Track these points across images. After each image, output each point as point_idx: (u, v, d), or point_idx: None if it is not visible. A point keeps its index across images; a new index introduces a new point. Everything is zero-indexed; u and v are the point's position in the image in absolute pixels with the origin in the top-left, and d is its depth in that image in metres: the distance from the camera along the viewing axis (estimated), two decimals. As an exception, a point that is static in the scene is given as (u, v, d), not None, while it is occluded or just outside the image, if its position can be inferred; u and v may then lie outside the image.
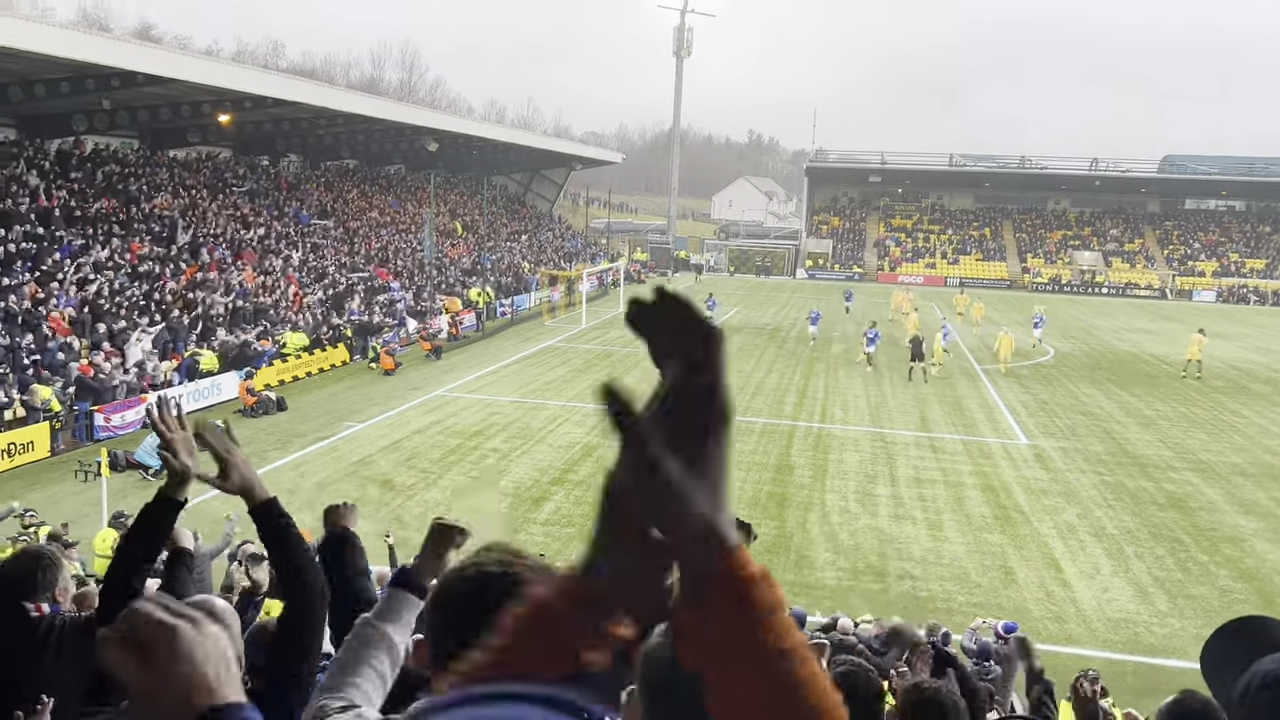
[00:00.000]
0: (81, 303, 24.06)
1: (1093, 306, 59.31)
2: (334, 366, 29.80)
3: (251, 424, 22.69)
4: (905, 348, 31.54)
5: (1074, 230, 77.38)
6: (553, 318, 43.47)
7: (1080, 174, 76.18)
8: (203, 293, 27.96)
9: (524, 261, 52.28)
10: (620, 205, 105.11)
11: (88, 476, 17.75)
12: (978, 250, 75.43)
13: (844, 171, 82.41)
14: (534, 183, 70.75)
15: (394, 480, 18.56)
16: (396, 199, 50.13)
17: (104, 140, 33.54)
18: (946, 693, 3.35)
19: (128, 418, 21.46)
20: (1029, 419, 25.66)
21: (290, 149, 44.67)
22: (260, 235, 34.90)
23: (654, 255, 74.82)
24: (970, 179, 79.54)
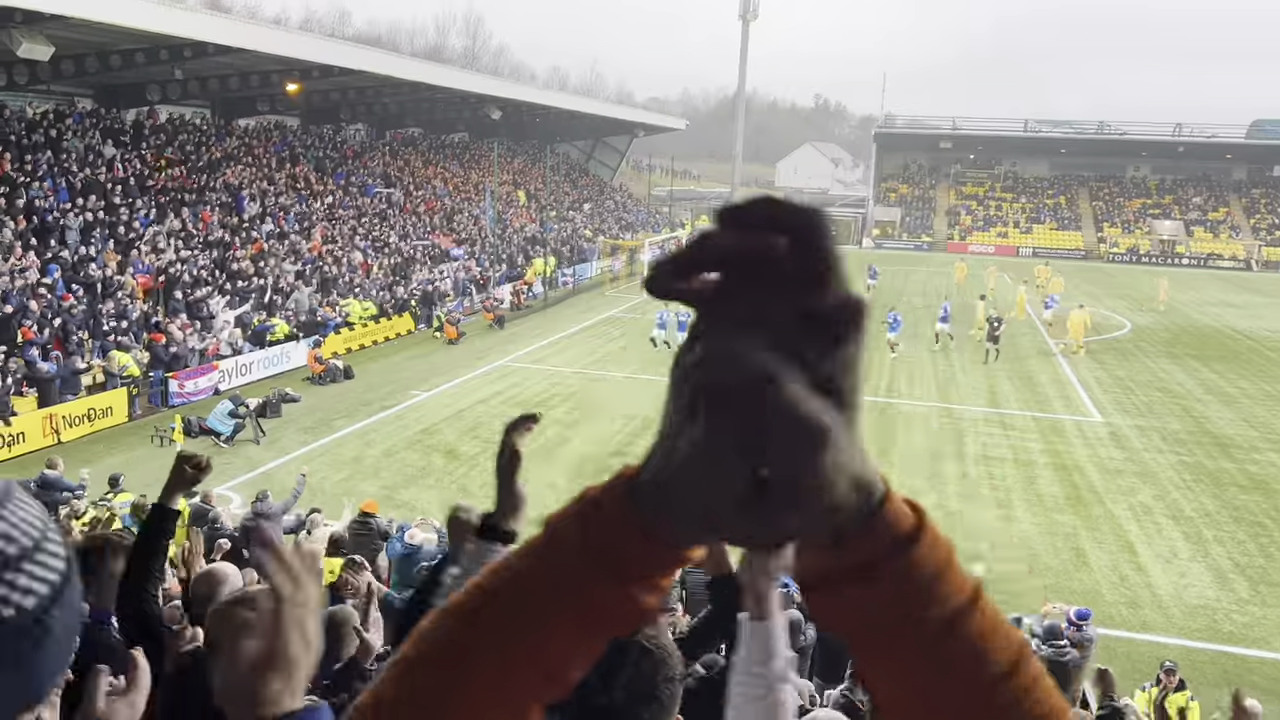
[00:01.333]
0: (157, 271, 24.63)
1: (1172, 278, 57.24)
2: (399, 335, 30.16)
3: (319, 392, 23.09)
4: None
5: (1154, 199, 74.67)
6: (614, 288, 43.39)
7: (1162, 139, 73.31)
8: (272, 260, 28.45)
9: (586, 230, 52.21)
10: (683, 173, 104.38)
11: (163, 442, 18.23)
12: (1052, 219, 73.30)
13: (913, 137, 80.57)
14: (597, 150, 70.50)
15: (458, 449, 18.73)
16: (460, 167, 50.36)
17: (176, 110, 34.18)
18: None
19: (200, 384, 21.99)
20: (1103, 395, 24.91)
21: (356, 118, 45.07)
22: (327, 205, 35.34)
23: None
24: (1045, 145, 77.13)
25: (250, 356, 23.99)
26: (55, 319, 20.51)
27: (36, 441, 17.96)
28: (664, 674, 1.44)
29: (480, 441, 19.26)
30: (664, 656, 1.45)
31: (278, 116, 39.74)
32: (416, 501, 15.70)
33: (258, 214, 31.06)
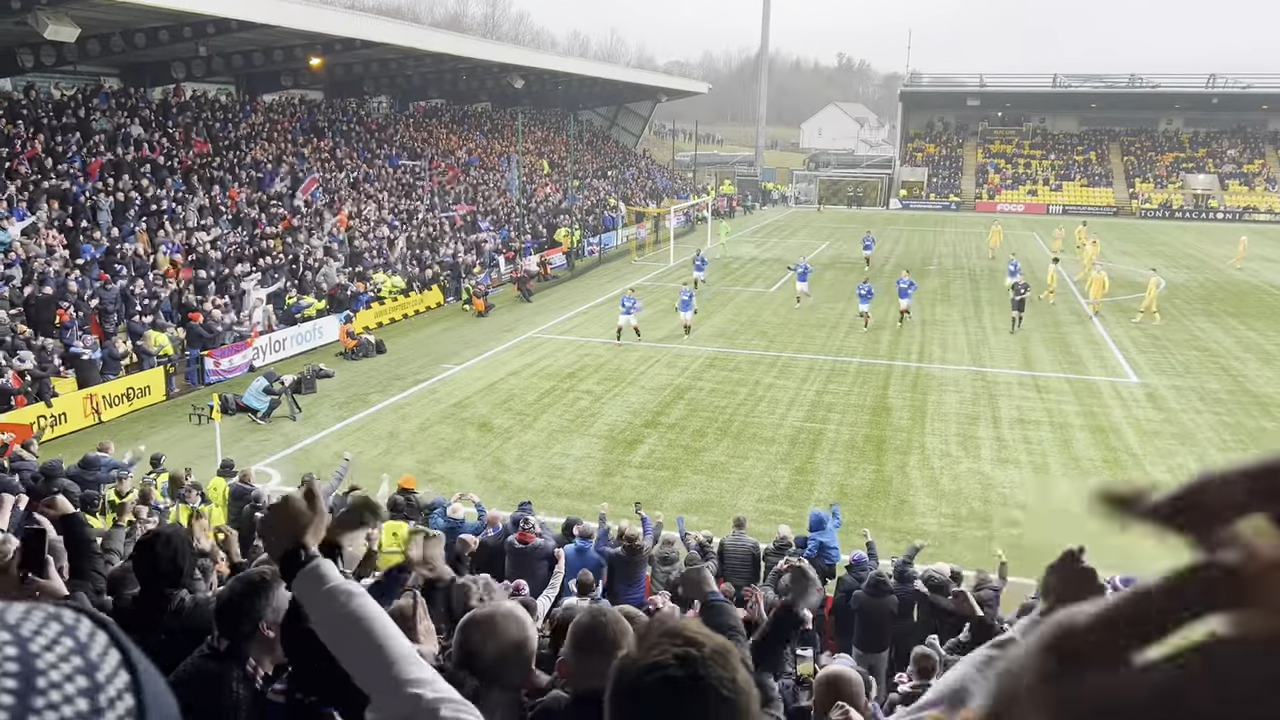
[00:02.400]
0: (187, 250, 24.81)
1: (1207, 233, 56.31)
2: (429, 309, 30.27)
3: (352, 367, 23.26)
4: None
5: (1187, 152, 73.18)
6: (640, 256, 43.25)
7: (1196, 91, 71.72)
8: (301, 237, 28.58)
9: (610, 198, 51.98)
10: (706, 137, 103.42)
11: (201, 419, 18.44)
12: (1082, 176, 72.10)
13: (940, 95, 79.34)
14: (619, 117, 70.00)
15: (492, 423, 18.83)
16: (484, 137, 50.20)
17: (201, 87, 34.26)
18: None
19: (235, 361, 22.20)
20: (1139, 356, 24.60)
21: (379, 90, 45.00)
22: (353, 178, 35.39)
23: (741, 188, 73.58)
24: (1076, 100, 75.71)
25: (283, 333, 24.18)
26: (92, 300, 20.74)
27: (78, 422, 18.24)
28: (741, 717, 1.37)
29: (513, 414, 19.35)
30: (740, 699, 1.36)
31: (302, 91, 39.74)
32: (453, 475, 15.83)
33: (285, 190, 31.16)
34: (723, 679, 1.35)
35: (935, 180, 74.29)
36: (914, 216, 65.95)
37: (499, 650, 2.61)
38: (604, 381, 21.80)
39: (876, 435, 18.16)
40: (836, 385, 21.50)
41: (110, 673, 0.65)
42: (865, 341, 25.92)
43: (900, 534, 13.61)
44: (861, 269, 38.17)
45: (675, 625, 1.45)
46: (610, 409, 19.72)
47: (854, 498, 15.10)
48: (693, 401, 20.21)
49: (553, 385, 21.49)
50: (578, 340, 26.04)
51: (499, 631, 2.64)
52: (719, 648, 1.39)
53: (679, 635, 1.40)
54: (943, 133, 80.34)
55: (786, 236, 53.02)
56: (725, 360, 23.75)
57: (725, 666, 1.36)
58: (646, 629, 1.48)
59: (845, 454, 17.14)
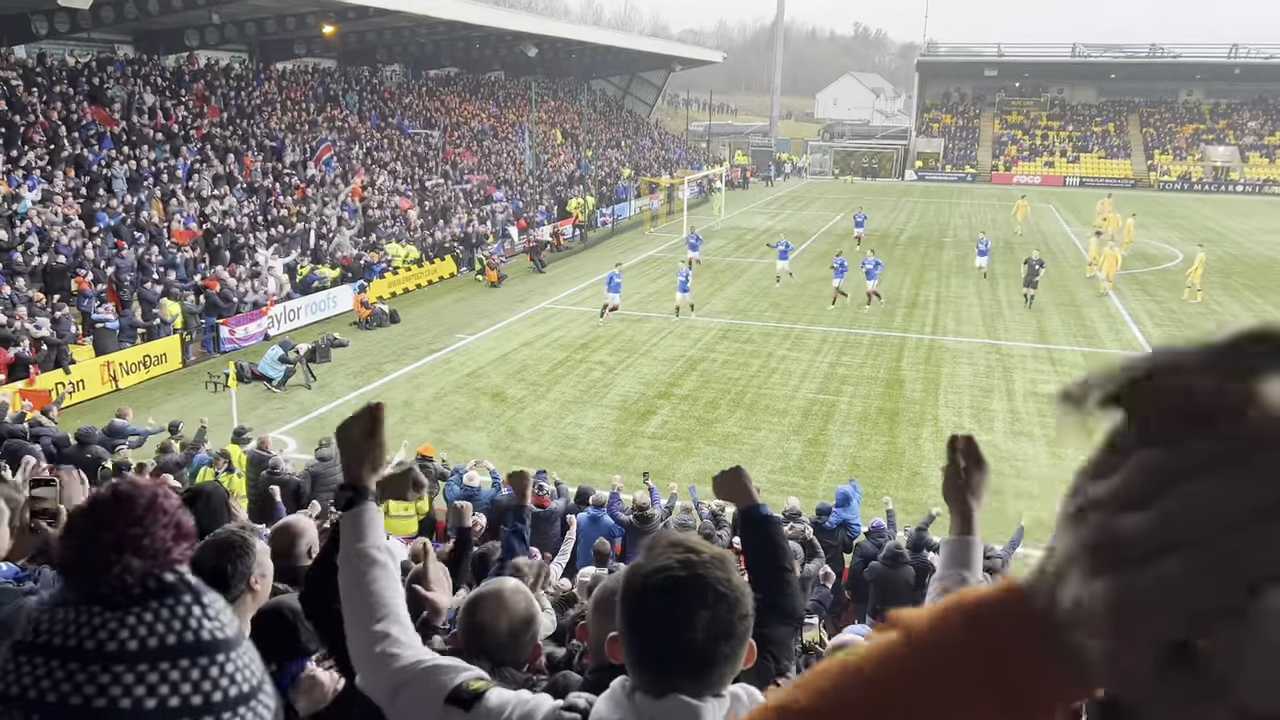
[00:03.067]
0: (201, 219, 24.87)
1: (1226, 206, 55.73)
2: (442, 279, 30.30)
3: (366, 336, 23.35)
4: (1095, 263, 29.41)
5: (1207, 123, 72.22)
6: (654, 227, 43.12)
7: (1218, 61, 70.66)
8: (315, 207, 28.60)
9: (624, 168, 51.75)
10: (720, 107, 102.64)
11: (217, 387, 18.57)
12: (1100, 147, 71.31)
13: (957, 65, 78.41)
14: (632, 86, 69.50)
15: (505, 392, 18.90)
16: (497, 106, 49.97)
17: (214, 55, 34.18)
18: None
19: (250, 330, 22.32)
20: (1155, 330, 24.47)
21: (392, 59, 44.80)
22: (367, 148, 35.32)
23: (755, 158, 73.12)
24: (1095, 70, 74.71)
25: (298, 302, 24.27)
26: (109, 268, 20.85)
27: (96, 389, 18.40)
28: (739, 613, 1.55)
29: (526, 384, 19.42)
30: (738, 597, 1.56)
31: (315, 59, 39.61)
32: (467, 444, 15.93)
33: (299, 159, 31.14)
34: (719, 579, 1.55)
35: (951, 151, 73.63)
36: (929, 188, 65.45)
37: (511, 626, 2.62)
38: (617, 353, 21.84)
39: (890, 407, 18.17)
40: (850, 358, 21.48)
41: None
42: (879, 314, 25.84)
43: (913, 505, 13.64)
44: (851, 246, 36.56)
45: (678, 537, 1.66)
46: (623, 380, 19.77)
47: (867, 469, 15.13)
48: (705, 373, 20.23)
49: (566, 356, 21.54)
50: (591, 311, 26.03)
51: (509, 606, 2.65)
52: (717, 554, 1.60)
53: (681, 544, 1.61)
54: (959, 103, 79.52)
55: (801, 208, 52.74)
56: (738, 332, 23.74)
57: (722, 569, 1.57)
58: (653, 541, 1.67)
59: (858, 426, 17.16)
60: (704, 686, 1.57)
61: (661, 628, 1.54)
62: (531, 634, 2.67)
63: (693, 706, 1.53)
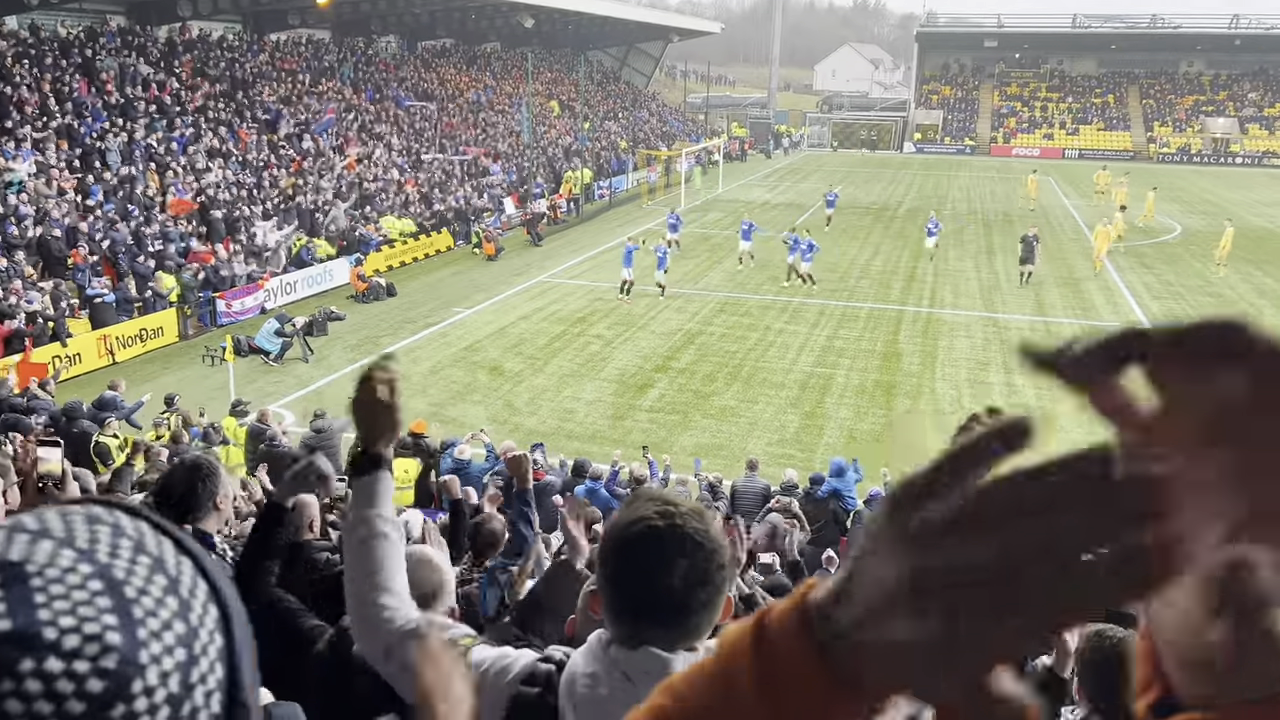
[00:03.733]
0: (197, 191, 24.73)
1: (1224, 178, 55.54)
2: (438, 252, 30.19)
3: (363, 310, 23.30)
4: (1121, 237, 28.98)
5: (1207, 95, 71.83)
6: (651, 200, 42.92)
7: (1219, 32, 70.20)
8: (310, 179, 28.44)
9: (621, 141, 51.45)
10: (718, 78, 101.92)
11: (214, 361, 18.56)
12: (1099, 119, 70.95)
13: (956, 36, 77.88)
14: (630, 57, 68.97)
15: (503, 366, 18.90)
16: (493, 78, 49.58)
17: (208, 25, 33.84)
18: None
19: (246, 303, 22.26)
20: (1153, 303, 24.46)
21: (387, 29, 44.36)
22: (363, 120, 35.07)
23: (753, 130, 72.69)
24: (1095, 41, 74.23)
25: (294, 275, 24.19)
26: (104, 241, 20.75)
27: (92, 362, 18.36)
28: (716, 562, 1.58)
29: (524, 358, 19.41)
30: (715, 547, 1.58)
31: (309, 30, 39.24)
32: (465, 418, 15.94)
33: (294, 131, 30.93)
34: (697, 529, 1.57)
35: (950, 123, 73.23)
36: (928, 160, 65.16)
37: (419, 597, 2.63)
38: (614, 326, 21.81)
39: (887, 380, 18.19)
40: (847, 330, 21.47)
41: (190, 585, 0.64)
42: (876, 286, 25.81)
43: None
44: (821, 226, 33.95)
45: (657, 492, 1.71)
46: (621, 353, 19.76)
47: (863, 442, 15.17)
48: (703, 346, 20.23)
49: (563, 329, 21.51)
50: (588, 285, 26.00)
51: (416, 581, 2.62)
52: (695, 507, 1.63)
53: (660, 498, 1.64)
54: (959, 75, 79.02)
55: (800, 180, 52.53)
56: (736, 305, 23.71)
57: (700, 520, 1.59)
58: (633, 497, 1.71)
59: (855, 399, 17.18)
60: (679, 637, 1.61)
61: (639, 576, 1.58)
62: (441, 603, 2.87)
63: (663, 659, 1.57)
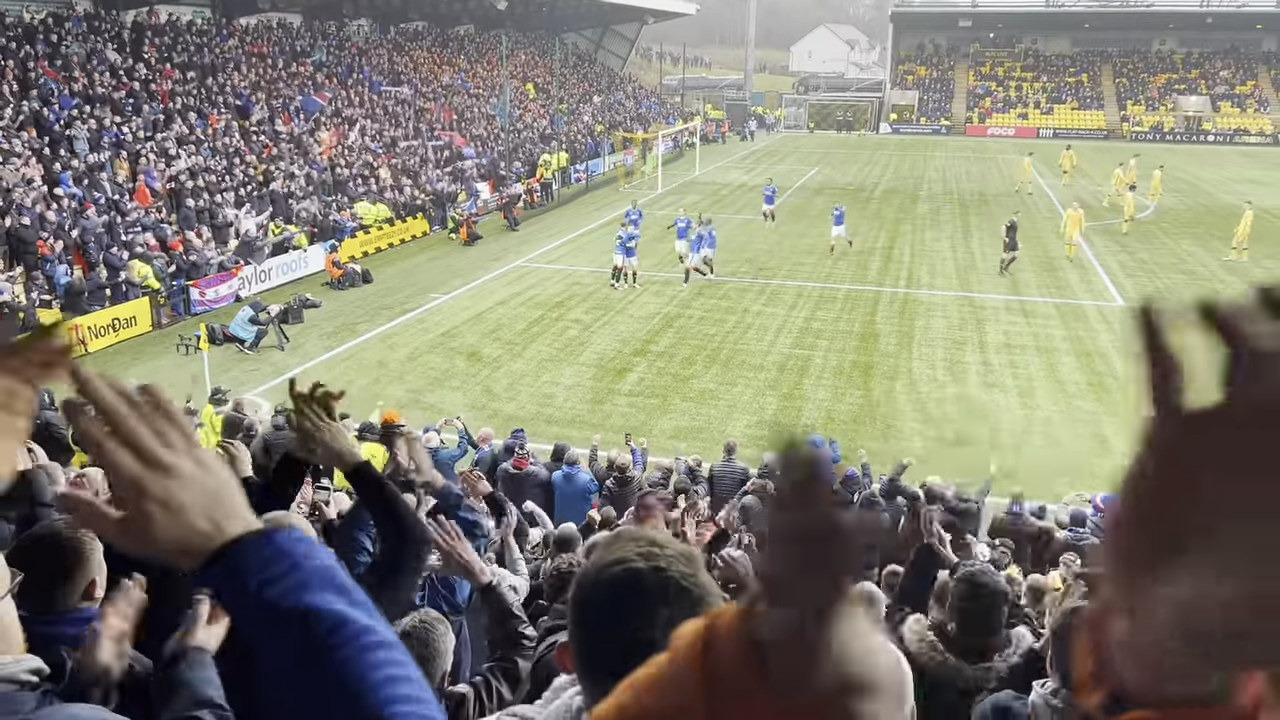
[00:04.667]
0: (167, 179, 24.43)
1: (1197, 156, 55.99)
2: (415, 238, 30.00)
3: (339, 296, 23.14)
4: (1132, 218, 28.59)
5: (1179, 73, 72.30)
6: (628, 183, 42.80)
7: (1190, 11, 70.56)
8: (282, 164, 28.15)
9: (598, 125, 51.21)
10: (694, 60, 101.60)
11: (189, 350, 18.39)
12: (1073, 98, 71.28)
13: (931, 16, 77.88)
14: (605, 39, 68.58)
15: (480, 352, 18.83)
16: (467, 61, 49.18)
17: (175, 10, 33.35)
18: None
19: (220, 291, 22.05)
20: (1126, 280, 24.68)
21: (359, 12, 43.89)
22: (335, 105, 34.72)
23: (730, 112, 72.53)
24: (1069, 20, 74.39)
25: (269, 262, 23.97)
26: (73, 230, 20.48)
27: (65, 353, 18.12)
28: (701, 611, 1.38)
29: (502, 343, 19.35)
30: (703, 594, 1.38)
31: (279, 14, 38.74)
32: (443, 404, 15.88)
33: (265, 117, 30.58)
34: (684, 574, 1.38)
35: (926, 104, 73.37)
36: (904, 141, 65.31)
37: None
38: (593, 310, 21.77)
39: (864, 361, 18.27)
40: (825, 312, 21.53)
41: None
42: (854, 268, 25.89)
43: (887, 458, 13.76)
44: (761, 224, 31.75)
45: (641, 532, 1.49)
46: (599, 338, 19.74)
47: (841, 422, 15.25)
48: (682, 330, 20.23)
49: (541, 314, 21.45)
50: (566, 269, 25.92)
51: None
52: (684, 550, 1.42)
53: (644, 538, 1.44)
54: (934, 55, 79.12)
55: (776, 162, 52.51)
56: (714, 288, 23.71)
57: (689, 564, 1.39)
58: (614, 536, 1.50)
59: (833, 380, 17.26)
60: None
61: (615, 625, 1.37)
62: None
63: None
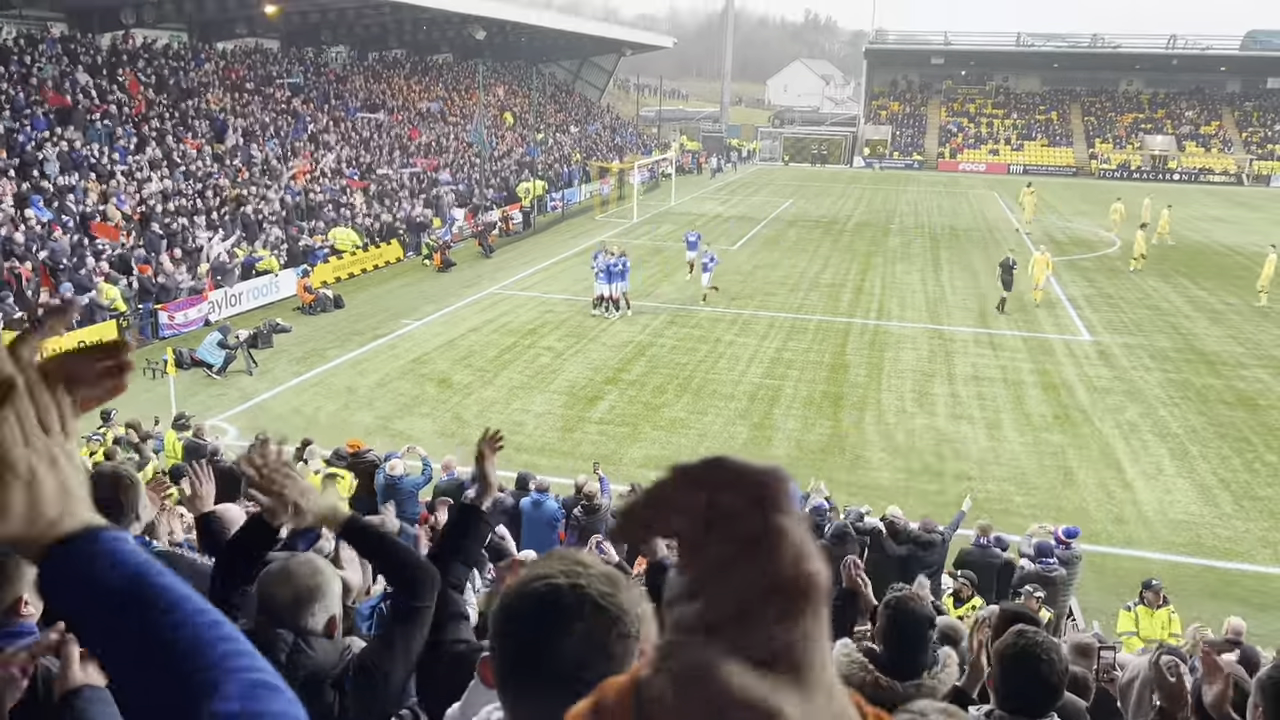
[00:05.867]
0: (139, 202, 24.27)
1: (1163, 194, 56.93)
2: (388, 264, 29.93)
3: (310, 322, 23.01)
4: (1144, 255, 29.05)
5: (1146, 113, 73.84)
6: (604, 212, 43.01)
7: (1156, 53, 72.21)
8: (255, 188, 28.05)
9: (575, 153, 51.49)
10: (671, 92, 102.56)
11: (155, 374, 18.19)
12: (1043, 135, 72.54)
13: (905, 53, 79.18)
14: (583, 70, 69.14)
15: (451, 378, 18.77)
16: (444, 89, 49.37)
17: (152, 34, 33.29)
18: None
19: (190, 315, 21.87)
20: (1093, 314, 25.02)
21: (337, 39, 44.04)
22: (310, 131, 34.70)
23: (706, 144, 73.18)
24: (1038, 59, 75.89)
25: (239, 286, 23.81)
26: (40, 252, 20.27)
27: (28, 376, 17.87)
28: (618, 631, 1.39)
29: (473, 370, 19.30)
30: (620, 615, 1.39)
31: (257, 39, 38.78)
32: (412, 430, 15.80)
33: (239, 142, 30.50)
34: (603, 593, 1.40)
35: (899, 138, 74.37)
36: (877, 175, 66.12)
37: (296, 595, 2.75)
38: (565, 338, 21.78)
39: (834, 391, 18.37)
40: (796, 343, 21.66)
41: None
42: (825, 299, 26.09)
43: (855, 488, 13.84)
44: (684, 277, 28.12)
45: (570, 552, 1.51)
46: (571, 366, 19.73)
47: (810, 453, 15.30)
48: (654, 358, 20.27)
49: (514, 341, 21.43)
50: (539, 296, 25.94)
51: (293, 578, 2.79)
52: (609, 572, 1.44)
53: (570, 558, 1.47)
54: (907, 90, 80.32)
55: (751, 193, 52.96)
56: (686, 318, 23.81)
57: (609, 585, 1.41)
58: (547, 555, 1.53)
59: (803, 410, 17.33)
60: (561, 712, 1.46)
61: (534, 637, 1.40)
62: (319, 604, 2.78)
63: None
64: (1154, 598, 9.29)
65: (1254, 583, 11.75)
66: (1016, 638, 3.17)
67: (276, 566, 2.86)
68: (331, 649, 2.76)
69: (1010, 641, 3.17)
